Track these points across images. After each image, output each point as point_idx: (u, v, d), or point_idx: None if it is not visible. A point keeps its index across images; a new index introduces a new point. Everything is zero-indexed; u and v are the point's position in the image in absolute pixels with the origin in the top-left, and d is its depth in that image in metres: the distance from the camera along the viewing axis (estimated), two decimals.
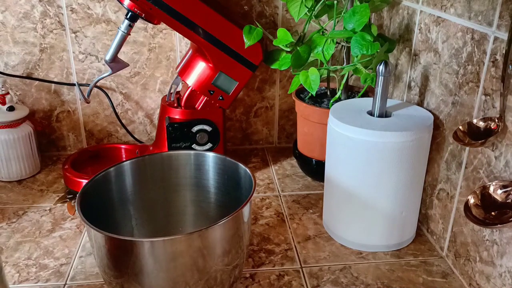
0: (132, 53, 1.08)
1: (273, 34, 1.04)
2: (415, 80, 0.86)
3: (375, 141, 0.73)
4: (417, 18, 0.84)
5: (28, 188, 0.99)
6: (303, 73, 0.88)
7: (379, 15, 1.03)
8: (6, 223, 0.88)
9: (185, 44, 1.08)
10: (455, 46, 0.72)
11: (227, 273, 0.64)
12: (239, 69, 0.93)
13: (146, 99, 1.13)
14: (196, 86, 0.94)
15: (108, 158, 1.07)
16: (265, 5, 1.07)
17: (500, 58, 0.62)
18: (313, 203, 0.95)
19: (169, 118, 0.96)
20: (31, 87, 1.09)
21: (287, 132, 1.20)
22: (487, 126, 0.64)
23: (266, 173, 1.07)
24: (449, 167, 0.76)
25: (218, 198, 0.77)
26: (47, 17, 1.03)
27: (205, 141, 0.97)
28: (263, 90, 1.15)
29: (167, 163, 0.76)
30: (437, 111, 0.79)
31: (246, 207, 0.63)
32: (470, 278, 0.71)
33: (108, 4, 1.03)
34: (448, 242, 0.77)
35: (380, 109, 0.78)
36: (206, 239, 0.59)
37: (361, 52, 0.81)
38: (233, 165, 0.73)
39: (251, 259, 0.79)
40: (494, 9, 0.63)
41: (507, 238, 0.62)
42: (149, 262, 0.57)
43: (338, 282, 0.73)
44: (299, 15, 0.87)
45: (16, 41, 1.04)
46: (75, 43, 1.06)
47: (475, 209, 0.62)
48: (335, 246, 0.82)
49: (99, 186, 0.70)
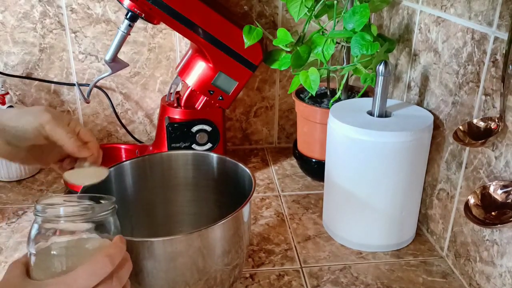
0: (132, 53, 1.08)
1: (273, 34, 1.04)
2: (415, 80, 0.86)
3: (375, 141, 0.73)
4: (417, 18, 0.84)
5: (28, 188, 0.99)
6: (303, 73, 0.88)
7: (379, 15, 1.03)
8: (5, 223, 0.87)
9: (185, 44, 1.08)
10: (455, 46, 0.72)
11: (227, 273, 0.64)
12: (239, 69, 0.93)
13: (146, 99, 1.13)
14: (196, 86, 0.94)
15: (108, 158, 1.07)
16: (265, 5, 1.07)
17: (500, 58, 0.62)
18: (313, 203, 0.95)
19: (169, 118, 0.96)
20: (31, 87, 1.09)
21: (287, 132, 1.20)
22: (487, 126, 0.64)
23: (266, 173, 1.07)
24: (449, 167, 0.76)
25: (218, 198, 0.77)
26: (47, 17, 1.03)
27: (205, 141, 0.97)
28: (263, 90, 1.15)
29: (167, 163, 0.76)
30: (437, 111, 0.79)
31: (246, 207, 0.63)
32: (470, 278, 0.71)
33: (108, 4, 1.03)
34: (448, 242, 0.77)
35: (380, 109, 0.78)
36: (205, 239, 0.59)
37: (361, 52, 0.81)
38: (233, 165, 0.73)
39: (251, 259, 0.78)
40: (494, 9, 0.63)
41: (507, 238, 0.62)
42: (149, 262, 0.57)
43: (338, 282, 0.73)
44: (299, 15, 0.87)
45: (15, 41, 1.04)
46: (75, 43, 1.06)
47: (475, 209, 0.62)
48: (335, 246, 0.82)
49: (99, 186, 0.70)
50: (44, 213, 0.48)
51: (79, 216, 0.49)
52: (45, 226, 0.48)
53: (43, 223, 0.49)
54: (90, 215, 0.50)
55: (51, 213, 0.49)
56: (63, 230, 0.48)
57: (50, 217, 0.48)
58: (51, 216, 0.48)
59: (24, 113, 0.57)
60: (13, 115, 0.57)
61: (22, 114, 0.57)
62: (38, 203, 0.49)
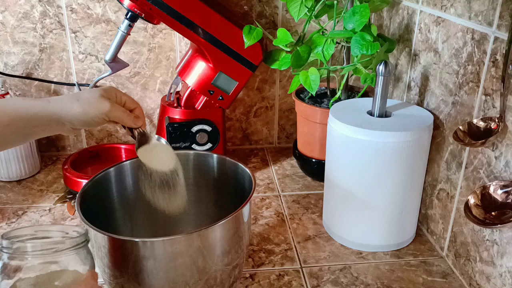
0: (132, 53, 1.08)
1: (273, 34, 1.04)
2: (415, 80, 0.86)
3: (375, 141, 0.73)
4: (417, 18, 0.84)
5: (28, 188, 0.99)
6: (303, 73, 0.88)
7: (379, 15, 1.03)
8: (5, 223, 0.87)
9: (185, 44, 1.08)
10: (455, 46, 0.72)
11: (227, 273, 0.64)
12: (239, 69, 0.93)
13: (146, 99, 1.13)
14: (196, 86, 0.94)
15: (108, 158, 1.07)
16: (265, 5, 1.07)
17: (500, 58, 0.62)
18: (313, 203, 0.95)
19: (169, 118, 0.96)
20: (31, 87, 1.09)
21: (287, 132, 1.20)
22: (487, 126, 0.64)
23: (266, 173, 1.07)
24: (449, 167, 0.76)
25: (218, 198, 0.77)
26: (47, 17, 1.03)
27: (205, 141, 0.97)
28: (263, 90, 1.15)
29: None
30: (437, 111, 0.79)
31: (246, 207, 0.63)
32: (470, 278, 0.71)
33: (108, 4, 1.03)
34: (448, 242, 0.77)
35: (380, 109, 0.78)
36: (206, 239, 0.59)
37: (361, 52, 0.81)
38: (233, 165, 0.73)
39: (251, 259, 0.78)
40: (494, 9, 0.63)
41: (507, 238, 0.62)
42: (149, 262, 0.57)
43: (338, 282, 0.73)
44: (299, 15, 0.87)
45: (15, 41, 1.04)
46: (75, 43, 1.06)
47: (475, 209, 0.62)
48: (335, 246, 0.82)
49: (99, 186, 0.70)
50: (9, 249, 0.46)
51: (48, 251, 0.47)
52: (10, 263, 0.46)
53: (9, 260, 0.46)
54: (60, 250, 0.47)
55: (18, 249, 0.46)
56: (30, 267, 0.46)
57: (16, 254, 0.46)
58: (18, 252, 0.46)
59: (88, 106, 0.63)
60: (81, 111, 0.63)
61: (87, 107, 0.63)
62: (4, 238, 0.46)
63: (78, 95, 0.64)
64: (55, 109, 0.62)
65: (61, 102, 0.63)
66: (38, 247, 0.47)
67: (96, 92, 0.64)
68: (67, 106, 0.62)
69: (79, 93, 0.65)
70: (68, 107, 0.62)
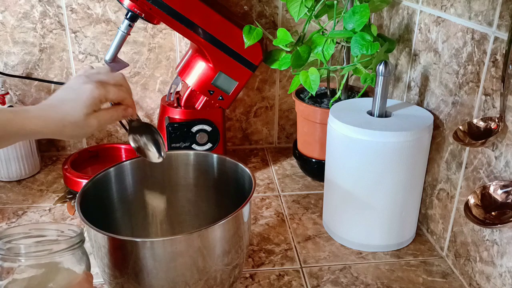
0: (132, 53, 1.08)
1: (273, 34, 1.04)
2: (415, 80, 0.86)
3: (375, 141, 0.73)
4: (417, 18, 0.84)
5: (28, 188, 0.99)
6: (303, 73, 0.88)
7: (379, 15, 1.03)
8: (5, 223, 0.87)
9: (185, 44, 1.08)
10: (455, 46, 0.72)
11: (227, 273, 0.64)
12: (239, 69, 0.93)
13: (146, 99, 1.13)
14: (196, 86, 0.94)
15: (108, 158, 1.07)
16: (265, 5, 1.07)
17: (500, 58, 0.62)
18: (313, 203, 0.95)
19: (169, 118, 0.96)
20: (31, 87, 1.09)
21: (287, 132, 1.20)
22: (487, 126, 0.64)
23: (266, 173, 1.07)
24: (449, 167, 0.76)
25: (218, 198, 0.77)
26: (47, 17, 1.03)
27: (205, 141, 0.97)
28: (263, 90, 1.15)
29: (167, 163, 0.76)
30: (437, 111, 0.79)
31: (246, 207, 0.63)
32: (470, 278, 0.71)
33: (108, 4, 1.03)
34: (448, 242, 0.77)
35: (380, 109, 0.78)
36: (206, 239, 0.59)
37: (361, 52, 0.81)
38: (233, 165, 0.73)
39: (251, 259, 0.78)
40: (494, 9, 0.63)
41: (507, 238, 0.62)
42: (149, 262, 0.57)
43: (338, 282, 0.73)
44: (299, 15, 0.87)
45: (15, 41, 1.04)
46: (75, 43, 1.06)
47: (475, 209, 0.62)
48: (335, 246, 0.82)
49: (99, 186, 0.70)
50: (1, 250, 0.44)
51: (42, 252, 0.46)
52: (3, 265, 0.44)
53: (1, 261, 0.45)
54: (54, 252, 0.46)
55: (11, 250, 0.45)
56: (23, 268, 0.45)
57: (9, 255, 0.45)
58: (11, 254, 0.45)
59: (77, 129, 0.60)
60: (71, 134, 0.61)
61: (77, 130, 0.60)
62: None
63: (63, 119, 0.59)
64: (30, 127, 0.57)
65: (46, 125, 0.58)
66: (32, 249, 0.46)
67: (81, 111, 0.59)
68: (56, 131, 0.59)
69: (63, 114, 0.59)
70: (58, 132, 0.59)
